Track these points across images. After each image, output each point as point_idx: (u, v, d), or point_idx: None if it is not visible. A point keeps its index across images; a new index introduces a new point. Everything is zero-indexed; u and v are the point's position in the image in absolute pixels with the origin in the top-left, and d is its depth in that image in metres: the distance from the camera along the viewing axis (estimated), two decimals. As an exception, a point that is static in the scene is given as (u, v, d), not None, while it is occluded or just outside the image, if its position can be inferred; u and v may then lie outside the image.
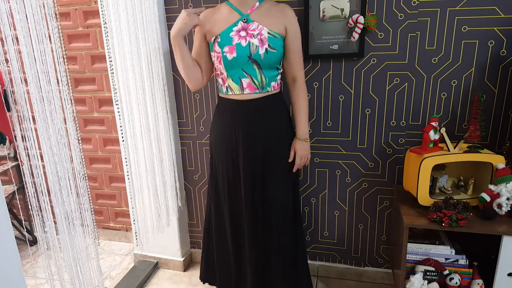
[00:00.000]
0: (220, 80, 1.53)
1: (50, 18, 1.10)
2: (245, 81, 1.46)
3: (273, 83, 1.50)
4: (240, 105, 1.50)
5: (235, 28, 1.44)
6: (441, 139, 1.55)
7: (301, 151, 1.56)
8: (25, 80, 1.04)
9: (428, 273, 1.53)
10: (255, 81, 1.46)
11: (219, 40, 1.45)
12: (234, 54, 1.43)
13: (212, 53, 1.50)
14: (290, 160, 1.56)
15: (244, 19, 1.44)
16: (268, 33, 1.43)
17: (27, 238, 2.54)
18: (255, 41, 1.42)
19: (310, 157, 1.61)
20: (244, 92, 1.47)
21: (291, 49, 1.51)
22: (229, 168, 1.56)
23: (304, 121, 1.57)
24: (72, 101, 1.21)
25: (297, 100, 1.58)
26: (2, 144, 1.49)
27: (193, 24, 1.42)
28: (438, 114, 1.72)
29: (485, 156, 1.48)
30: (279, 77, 1.54)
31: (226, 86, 1.50)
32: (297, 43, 1.51)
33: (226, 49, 1.43)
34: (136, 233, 1.91)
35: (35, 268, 2.33)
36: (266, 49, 1.42)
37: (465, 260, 1.54)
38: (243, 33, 1.43)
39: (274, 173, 1.55)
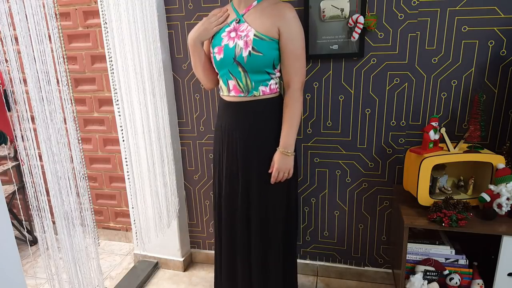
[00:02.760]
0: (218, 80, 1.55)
1: (50, 18, 1.09)
2: (231, 83, 1.43)
3: (261, 88, 1.41)
4: (227, 106, 1.50)
5: (227, 29, 1.43)
6: (441, 139, 1.55)
7: (279, 164, 1.42)
8: (25, 80, 1.04)
9: (428, 273, 1.53)
10: (240, 84, 1.41)
11: (212, 40, 1.47)
12: (221, 55, 1.41)
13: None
14: (270, 171, 1.45)
15: (237, 19, 1.42)
16: (255, 35, 1.35)
17: (27, 238, 2.54)
18: (241, 43, 1.36)
19: (292, 171, 1.46)
20: (230, 94, 1.46)
21: (285, 52, 1.39)
22: (220, 169, 1.56)
23: (286, 132, 1.42)
24: (72, 101, 1.21)
25: (286, 108, 1.43)
26: (3, 144, 1.49)
27: (214, 31, 1.44)
28: (438, 114, 1.72)
29: (485, 156, 1.48)
30: (272, 82, 1.43)
31: (220, 86, 1.52)
32: (292, 46, 1.38)
33: (216, 49, 1.43)
34: (136, 233, 1.91)
35: (35, 268, 2.33)
36: (250, 51, 1.35)
37: (465, 260, 1.54)
38: (233, 34, 1.41)
39: (257, 182, 1.47)
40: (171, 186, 2.00)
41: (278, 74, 1.46)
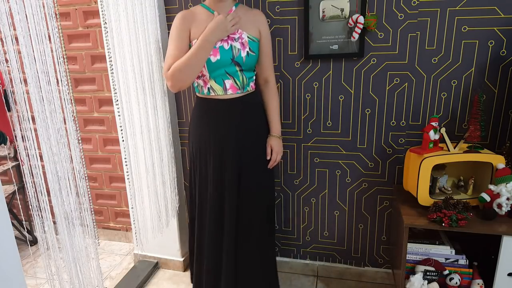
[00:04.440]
0: (200, 82, 1.54)
1: (50, 18, 1.09)
2: (228, 83, 1.51)
3: (251, 83, 1.58)
4: (223, 104, 1.54)
5: None
6: (441, 139, 1.55)
7: (277, 147, 1.64)
8: (25, 80, 1.04)
9: (428, 273, 1.54)
10: (238, 82, 1.52)
11: None
12: (218, 57, 1.46)
13: None
14: (268, 157, 1.63)
15: None
16: (248, 37, 1.51)
17: (27, 238, 2.54)
18: (237, 45, 1.48)
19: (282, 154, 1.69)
20: (227, 93, 1.52)
21: (264, 52, 1.59)
22: (215, 166, 1.56)
23: (278, 119, 1.67)
24: (72, 101, 1.21)
25: (270, 100, 1.65)
26: (3, 144, 1.49)
27: (230, 32, 1.46)
28: (438, 114, 1.72)
29: (485, 156, 1.48)
30: (254, 77, 1.61)
31: (208, 87, 1.53)
32: (268, 46, 1.60)
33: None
34: (136, 233, 1.91)
35: (35, 268, 2.33)
36: (248, 52, 1.50)
37: (465, 260, 1.54)
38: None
39: (257, 169, 1.61)
40: (171, 186, 2.00)
41: (255, 71, 1.64)
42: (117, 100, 1.70)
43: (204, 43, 1.43)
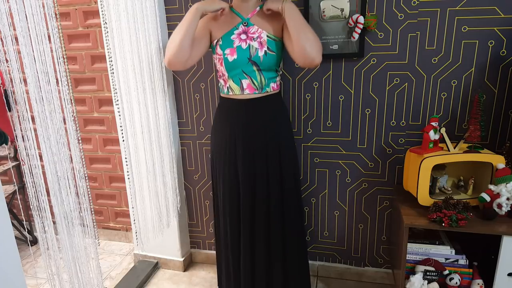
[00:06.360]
0: (221, 81, 1.58)
1: (50, 18, 1.10)
2: (245, 82, 1.51)
3: (272, 84, 1.54)
4: (240, 104, 1.54)
5: (236, 31, 1.50)
6: (441, 139, 1.55)
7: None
8: (25, 80, 1.04)
9: (428, 273, 1.53)
10: (255, 82, 1.51)
11: (220, 42, 1.51)
12: (235, 56, 1.48)
13: (214, 56, 1.56)
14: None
15: (245, 23, 1.51)
16: (268, 36, 1.49)
17: (27, 238, 2.54)
18: (255, 44, 1.48)
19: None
20: (244, 93, 1.52)
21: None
22: (229, 167, 1.57)
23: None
24: (72, 101, 1.22)
25: None
26: (4, 144, 1.49)
27: (218, 8, 1.47)
28: (438, 114, 1.72)
29: (485, 156, 1.48)
30: (278, 78, 1.58)
31: (227, 87, 1.55)
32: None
33: (227, 51, 1.49)
34: (136, 233, 1.91)
35: (35, 268, 2.33)
36: (265, 51, 1.48)
37: (465, 260, 1.54)
38: (243, 36, 1.49)
39: (275, 172, 1.56)
40: (171, 186, 2.00)
41: (280, 72, 1.60)
42: (117, 100, 1.70)
43: (192, 13, 1.45)
